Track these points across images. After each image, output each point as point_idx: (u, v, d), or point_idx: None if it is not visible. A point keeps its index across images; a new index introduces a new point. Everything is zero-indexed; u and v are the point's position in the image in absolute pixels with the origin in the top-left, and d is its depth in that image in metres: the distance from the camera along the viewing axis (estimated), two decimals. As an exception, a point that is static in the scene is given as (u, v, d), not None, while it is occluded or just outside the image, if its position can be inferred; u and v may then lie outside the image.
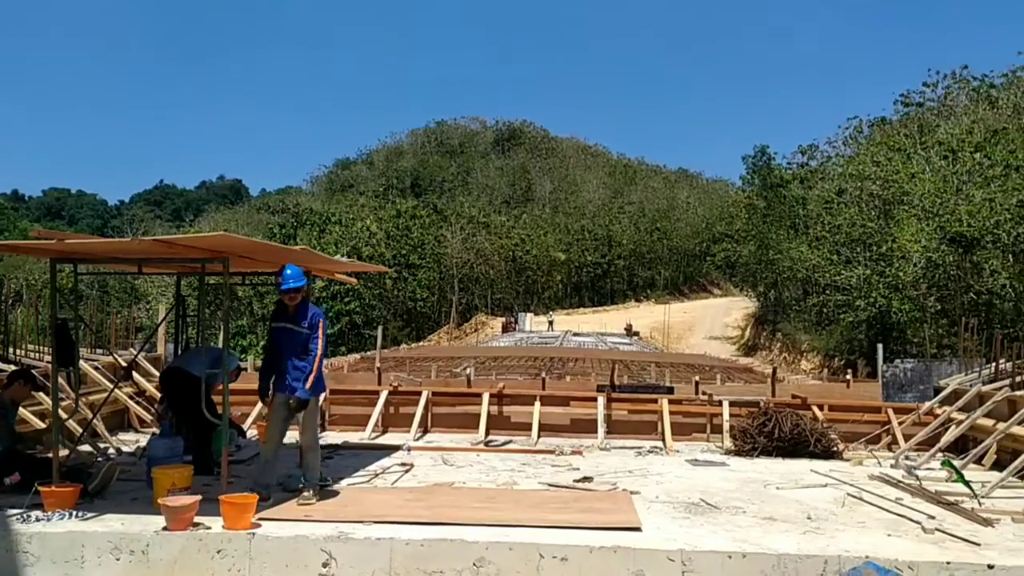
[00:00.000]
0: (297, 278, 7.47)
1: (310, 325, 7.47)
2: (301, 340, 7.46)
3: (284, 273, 7.51)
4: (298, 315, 7.52)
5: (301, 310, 7.55)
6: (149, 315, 39.45)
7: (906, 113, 49.50)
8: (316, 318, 7.54)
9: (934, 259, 30.15)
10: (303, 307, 7.58)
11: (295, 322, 7.49)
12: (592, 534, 6.34)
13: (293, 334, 7.47)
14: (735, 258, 76.48)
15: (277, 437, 7.60)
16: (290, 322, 7.51)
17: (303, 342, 7.45)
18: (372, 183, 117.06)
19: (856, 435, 11.31)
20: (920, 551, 6.16)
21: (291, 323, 7.50)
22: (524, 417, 12.15)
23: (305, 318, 7.50)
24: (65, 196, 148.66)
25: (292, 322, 7.50)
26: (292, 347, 7.46)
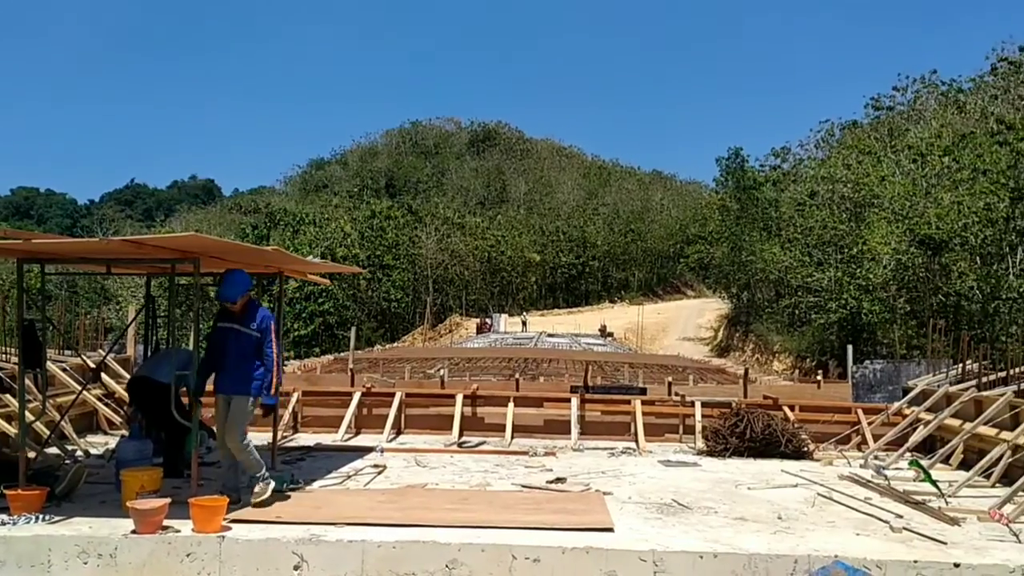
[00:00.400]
0: (235, 286, 7.32)
1: (259, 328, 7.34)
2: (250, 343, 7.32)
3: (225, 280, 7.36)
4: (246, 317, 7.37)
5: (249, 312, 7.40)
6: (119, 316, 38.95)
7: (876, 117, 50.25)
8: (266, 321, 7.39)
9: (903, 261, 30.56)
10: (251, 309, 7.43)
11: (243, 324, 7.34)
12: (564, 535, 6.35)
13: (240, 336, 7.33)
14: (708, 260, 77.07)
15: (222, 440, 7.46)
16: (237, 323, 7.36)
17: (252, 345, 7.32)
18: (346, 183, 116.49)
19: (826, 435, 11.43)
20: (888, 550, 6.23)
21: (238, 324, 7.36)
22: (498, 418, 12.15)
23: (254, 320, 7.34)
24: (34, 195, 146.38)
25: (239, 323, 7.35)
26: (239, 349, 7.32)
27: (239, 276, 7.43)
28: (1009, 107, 36.93)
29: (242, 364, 7.30)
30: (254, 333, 7.33)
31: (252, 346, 7.33)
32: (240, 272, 7.51)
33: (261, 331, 7.34)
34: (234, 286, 7.34)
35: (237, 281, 7.38)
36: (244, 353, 7.32)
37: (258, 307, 7.56)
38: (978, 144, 30.70)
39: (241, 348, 7.32)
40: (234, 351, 7.33)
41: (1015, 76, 41.97)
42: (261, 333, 7.34)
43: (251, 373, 7.31)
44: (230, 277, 7.40)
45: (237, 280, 7.39)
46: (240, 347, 7.32)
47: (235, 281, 7.37)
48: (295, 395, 12.27)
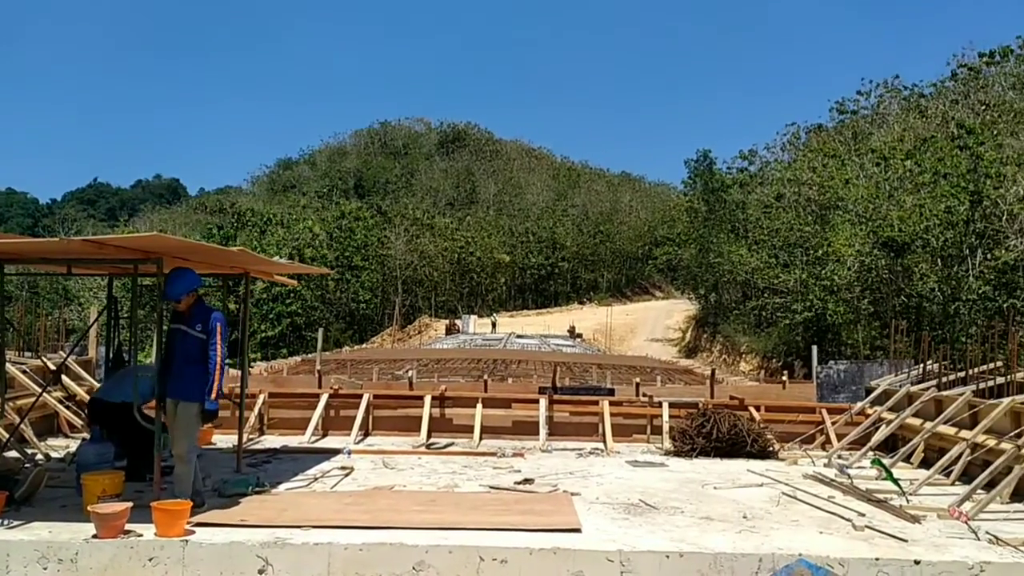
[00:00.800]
0: (177, 284, 7.18)
1: (205, 330, 7.15)
2: (195, 345, 7.14)
3: (169, 278, 7.22)
4: (192, 318, 7.20)
5: (196, 313, 7.23)
6: (80, 317, 38.34)
7: (841, 120, 50.89)
8: (213, 322, 7.18)
9: (867, 263, 30.99)
10: (198, 310, 7.27)
11: (189, 325, 7.18)
12: (532, 536, 6.36)
13: (187, 338, 7.17)
14: (676, 261, 77.62)
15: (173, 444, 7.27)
16: (184, 324, 7.21)
17: (197, 347, 7.14)
18: (314, 184, 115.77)
19: (791, 435, 11.57)
20: (851, 548, 6.32)
21: (185, 325, 7.20)
22: (466, 419, 12.15)
23: (199, 321, 7.17)
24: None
25: (186, 324, 7.20)
26: (184, 351, 7.17)
27: (184, 274, 7.28)
28: (969, 112, 37.64)
29: (186, 367, 7.12)
30: (200, 335, 7.15)
31: (197, 348, 7.14)
32: (187, 270, 7.35)
33: (207, 332, 7.16)
34: (177, 284, 7.20)
35: (181, 279, 7.23)
36: (189, 356, 7.15)
37: (208, 309, 7.39)
38: (939, 148, 31.23)
39: (187, 350, 7.16)
40: (180, 353, 7.18)
41: (975, 82, 42.78)
42: (207, 335, 7.16)
43: (197, 377, 7.10)
44: (174, 275, 7.26)
45: (181, 278, 7.24)
46: (185, 349, 7.16)
47: (178, 279, 7.22)
48: (261, 397, 12.17)
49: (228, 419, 11.45)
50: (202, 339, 7.16)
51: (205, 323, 7.18)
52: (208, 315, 7.25)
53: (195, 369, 7.13)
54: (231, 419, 11.11)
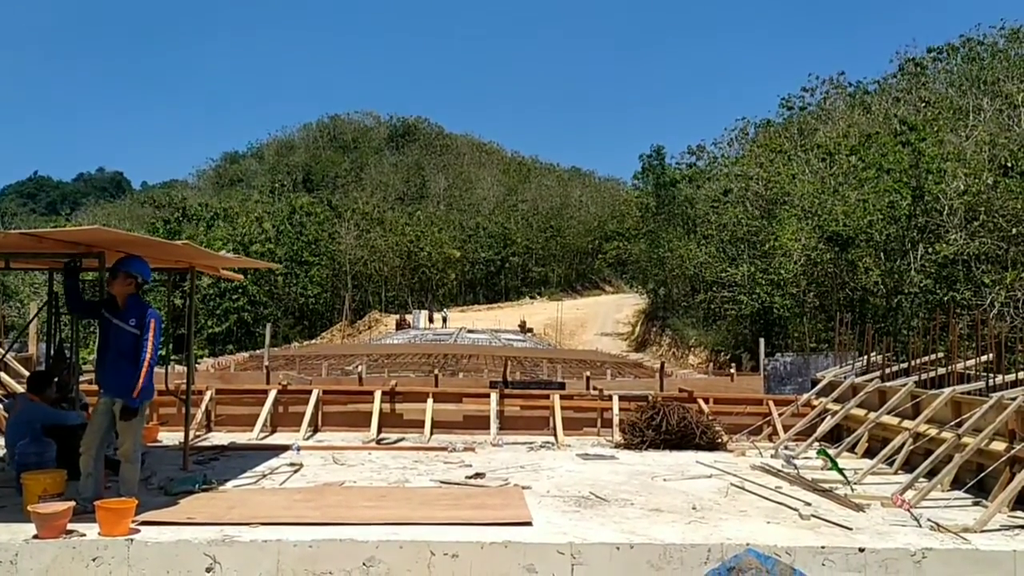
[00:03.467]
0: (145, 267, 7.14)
1: (140, 325, 6.92)
2: (128, 339, 6.91)
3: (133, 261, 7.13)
4: (127, 311, 6.97)
5: (131, 306, 7.00)
6: (20, 313, 37.28)
7: (789, 116, 51.68)
8: (148, 318, 6.95)
9: (812, 257, 31.57)
10: (133, 303, 7.03)
11: (122, 318, 6.95)
12: (483, 530, 6.36)
13: (119, 331, 6.94)
14: (626, 256, 78.21)
15: (95, 444, 6.94)
16: (117, 317, 6.97)
17: (130, 342, 6.91)
18: (262, 177, 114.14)
19: (740, 427, 11.74)
20: (797, 537, 6.44)
21: (118, 318, 6.96)
22: (417, 414, 12.10)
23: (134, 316, 6.94)
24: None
25: (119, 318, 6.96)
26: (117, 345, 6.94)
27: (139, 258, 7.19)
28: (911, 108, 38.48)
29: (120, 362, 6.91)
30: (134, 330, 6.92)
31: (131, 344, 6.92)
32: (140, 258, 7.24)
33: (141, 328, 6.93)
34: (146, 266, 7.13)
35: (145, 264, 7.14)
36: (121, 350, 6.93)
37: (143, 304, 7.14)
38: (882, 144, 31.88)
39: (119, 345, 6.94)
40: (113, 347, 6.96)
41: (917, 78, 43.80)
42: (140, 330, 6.93)
43: (133, 374, 6.88)
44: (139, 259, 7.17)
45: (145, 263, 7.15)
46: (118, 344, 6.95)
47: (144, 263, 7.14)
48: (208, 393, 11.98)
49: (174, 416, 11.30)
50: (136, 334, 6.93)
51: (140, 318, 6.95)
52: (144, 310, 7.03)
53: (130, 365, 6.91)
54: (177, 416, 10.95)
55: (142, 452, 7.35)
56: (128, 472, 7.02)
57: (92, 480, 6.90)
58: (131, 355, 6.92)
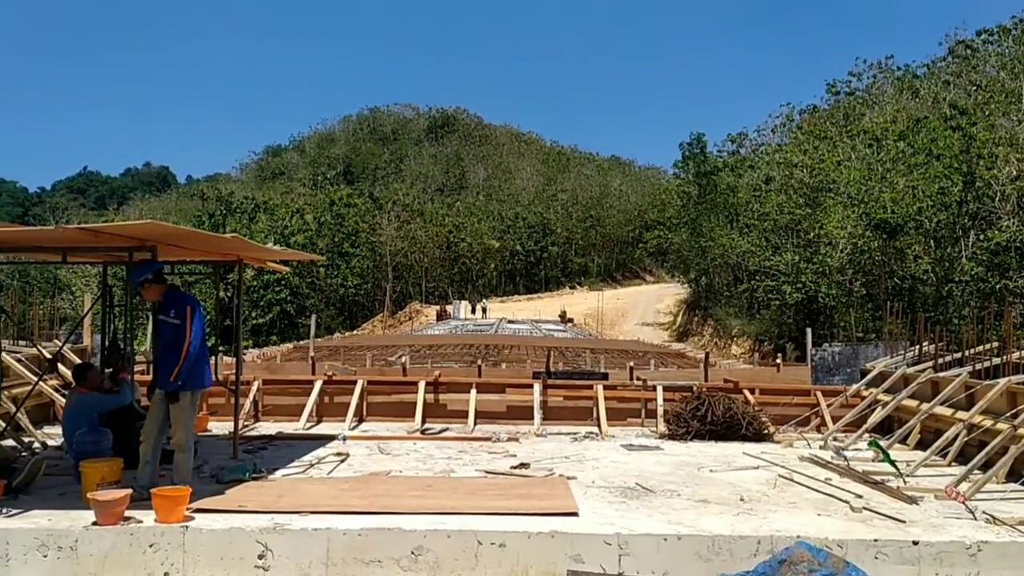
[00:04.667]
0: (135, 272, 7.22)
1: (180, 315, 7.14)
2: (171, 331, 7.15)
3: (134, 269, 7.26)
4: (166, 305, 7.21)
5: (169, 300, 7.23)
6: (73, 306, 38.17)
7: (835, 102, 50.75)
8: (184, 305, 7.20)
9: (859, 245, 31.06)
10: (170, 296, 7.26)
11: (164, 313, 7.20)
12: (530, 520, 6.37)
13: (164, 326, 7.19)
14: (667, 245, 77.61)
15: (154, 434, 7.19)
16: (161, 313, 7.23)
17: (173, 333, 7.14)
18: (303, 170, 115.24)
19: (786, 418, 11.60)
20: (849, 529, 6.36)
21: (161, 314, 7.22)
22: (460, 405, 12.15)
23: (173, 307, 7.17)
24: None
25: (162, 313, 7.21)
26: (163, 339, 7.19)
27: (143, 265, 7.26)
28: (961, 92, 37.65)
29: (166, 355, 7.14)
30: (175, 321, 7.15)
31: (173, 335, 7.14)
32: (146, 262, 7.34)
33: (181, 317, 7.15)
34: (135, 271, 7.22)
35: (139, 269, 7.23)
36: (167, 343, 7.14)
37: (180, 294, 7.41)
38: (932, 129, 31.24)
39: (165, 338, 7.17)
40: (161, 342, 7.21)
41: (968, 61, 42.78)
42: (180, 319, 7.15)
43: (168, 364, 7.11)
44: (137, 266, 7.28)
45: (139, 268, 7.24)
46: (164, 337, 7.17)
47: (138, 269, 7.23)
48: (256, 384, 12.15)
49: (223, 406, 11.48)
50: (177, 324, 7.15)
51: (179, 308, 7.17)
52: (181, 301, 7.26)
53: (175, 356, 7.11)
54: (226, 406, 11.12)
55: (194, 441, 7.52)
56: (181, 461, 7.18)
57: (149, 468, 7.09)
58: (175, 346, 7.12)
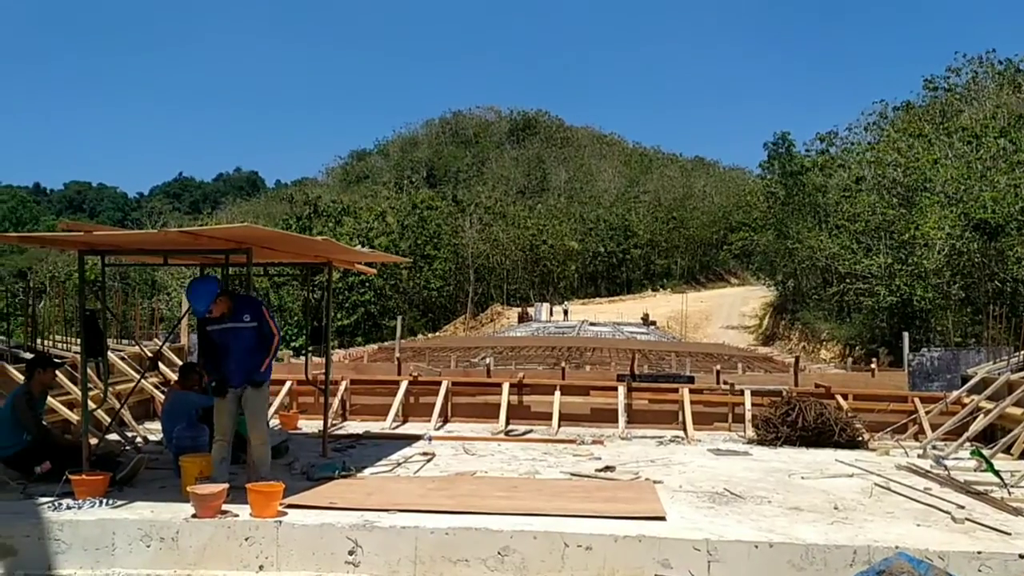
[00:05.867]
0: (200, 299, 7.23)
1: (255, 317, 7.36)
2: (248, 334, 7.36)
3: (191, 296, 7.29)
4: (238, 312, 7.36)
5: (238, 307, 7.39)
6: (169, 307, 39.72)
7: (932, 98, 48.78)
8: (259, 306, 7.48)
9: (958, 246, 29.84)
10: (240, 303, 7.44)
11: (238, 320, 7.36)
12: (616, 523, 6.32)
13: (238, 332, 7.36)
14: (752, 247, 76.09)
15: (230, 432, 7.43)
16: (231, 321, 7.36)
17: (251, 335, 7.36)
18: (387, 174, 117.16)
19: (881, 425, 11.23)
20: (951, 541, 6.11)
21: (232, 321, 7.36)
22: (544, 407, 12.16)
23: (246, 311, 7.37)
24: (86, 189, 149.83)
25: (234, 320, 7.36)
26: (239, 344, 7.36)
27: (202, 287, 7.35)
28: (1068, 86, 35.82)
29: (245, 356, 7.37)
30: (251, 324, 7.36)
31: (251, 337, 7.38)
32: (202, 282, 7.46)
33: (257, 319, 7.37)
34: (200, 299, 7.26)
35: (201, 293, 7.29)
36: (245, 347, 7.37)
37: (247, 298, 7.61)
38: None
39: (241, 343, 7.37)
40: (235, 348, 7.37)
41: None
42: (258, 321, 7.37)
43: (260, 361, 7.42)
44: (195, 291, 7.32)
45: (201, 292, 7.30)
46: (240, 342, 7.37)
47: (200, 294, 7.28)
48: (343, 383, 12.40)
49: (313, 405, 11.78)
50: (254, 327, 7.37)
51: (253, 311, 7.41)
52: (252, 303, 7.52)
53: (256, 355, 7.39)
54: (316, 405, 11.40)
55: (285, 439, 7.75)
56: (263, 454, 7.44)
57: (224, 466, 7.35)
58: (255, 345, 7.39)
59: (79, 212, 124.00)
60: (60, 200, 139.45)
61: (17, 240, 8.72)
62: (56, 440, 8.02)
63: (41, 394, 8.07)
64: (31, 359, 8.63)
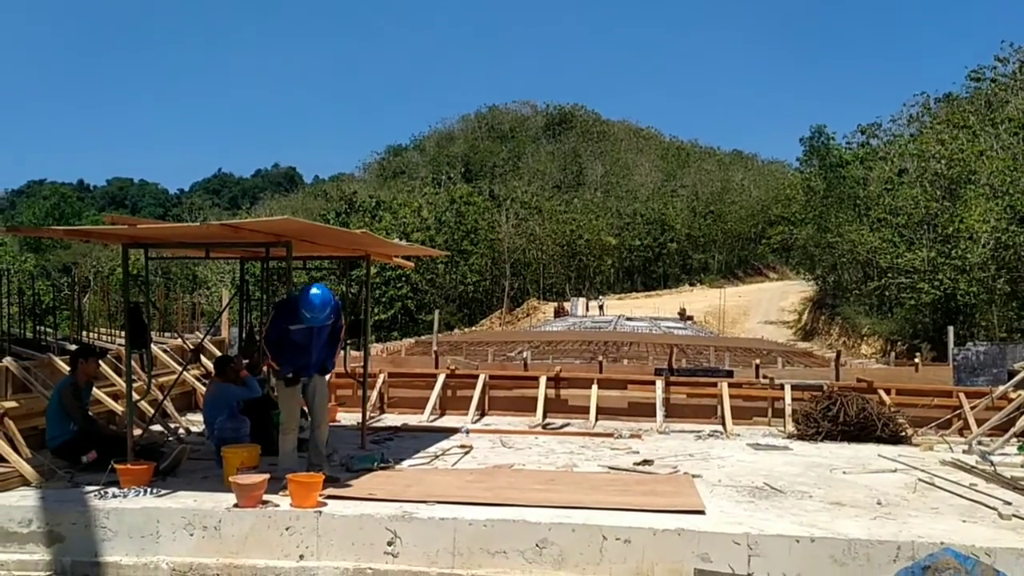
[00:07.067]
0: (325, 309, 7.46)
1: (334, 313, 7.70)
2: (328, 330, 7.76)
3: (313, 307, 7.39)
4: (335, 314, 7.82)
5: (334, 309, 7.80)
6: (210, 301, 40.39)
7: (977, 88, 47.66)
8: (338, 306, 7.88)
9: (1003, 240, 29.20)
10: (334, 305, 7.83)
11: (324, 320, 7.62)
12: (655, 517, 6.29)
13: (323, 329, 7.70)
14: (792, 241, 75.16)
15: (298, 423, 7.89)
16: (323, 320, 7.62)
17: (330, 330, 7.80)
18: (423, 169, 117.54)
19: (925, 420, 11.04)
20: (997, 537, 5.99)
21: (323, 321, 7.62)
22: (581, 400, 12.12)
23: (334, 313, 7.75)
24: (128, 185, 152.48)
25: (323, 321, 7.62)
26: (321, 339, 7.75)
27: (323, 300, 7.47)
28: (1119, 76, 34.82)
29: (323, 349, 7.87)
30: (329, 322, 7.70)
31: (332, 333, 7.88)
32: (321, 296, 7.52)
33: (336, 315, 7.77)
34: (324, 311, 7.47)
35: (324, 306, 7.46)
36: (326, 341, 7.85)
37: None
38: (1085, 115, 29.08)
39: (322, 338, 7.77)
40: (317, 344, 7.73)
41: None
42: (335, 316, 7.77)
43: (331, 354, 7.98)
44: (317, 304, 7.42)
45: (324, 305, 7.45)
46: (321, 338, 7.76)
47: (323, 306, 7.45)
48: (381, 377, 12.48)
49: (351, 398, 11.86)
50: (331, 323, 7.71)
51: (336, 312, 7.80)
52: (336, 305, 7.87)
53: (329, 347, 7.90)
54: (354, 398, 11.49)
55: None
56: (325, 433, 7.88)
57: (294, 454, 7.64)
58: (334, 339, 7.94)
59: (121, 208, 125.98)
60: (103, 196, 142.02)
61: (64, 234, 8.91)
62: (102, 430, 8.19)
63: (86, 385, 8.23)
64: (75, 351, 8.80)
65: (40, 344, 10.89)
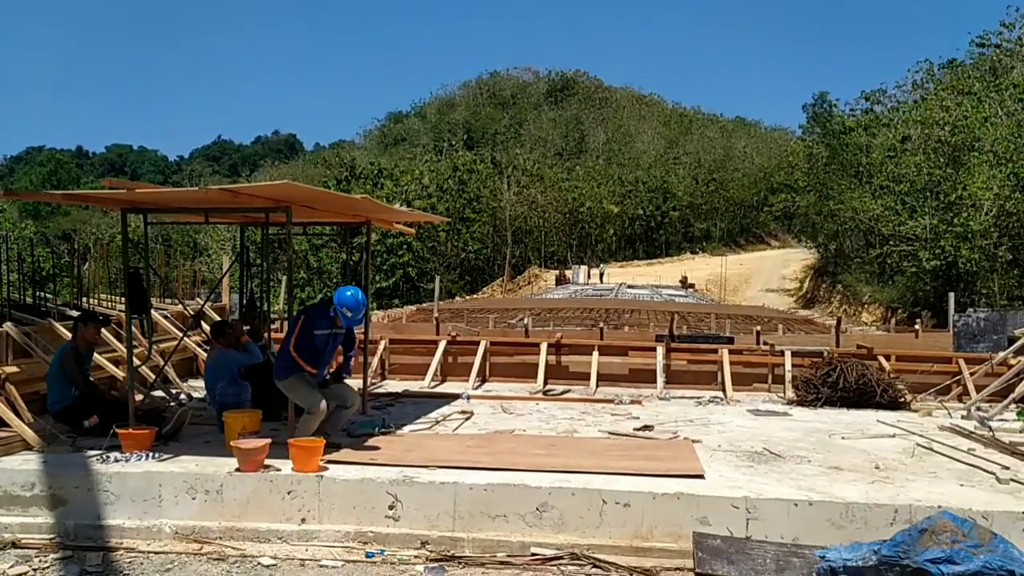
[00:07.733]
0: (357, 314, 7.48)
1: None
2: (343, 335, 7.85)
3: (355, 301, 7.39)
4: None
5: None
6: (210, 268, 40.38)
7: (982, 54, 47.15)
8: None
9: (1007, 207, 29.07)
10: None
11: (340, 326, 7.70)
12: (654, 481, 6.33)
13: (339, 335, 7.77)
14: (794, 209, 74.84)
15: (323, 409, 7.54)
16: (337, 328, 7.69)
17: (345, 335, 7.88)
18: (425, 136, 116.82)
19: (925, 386, 11.09)
20: (995, 501, 6.04)
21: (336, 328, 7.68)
22: (582, 367, 12.16)
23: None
24: (127, 152, 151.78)
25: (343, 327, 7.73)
26: (337, 343, 7.83)
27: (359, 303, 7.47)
28: None
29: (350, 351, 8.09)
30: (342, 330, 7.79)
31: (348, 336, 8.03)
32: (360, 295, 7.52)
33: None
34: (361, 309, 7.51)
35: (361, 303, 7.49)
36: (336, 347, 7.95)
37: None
38: (1091, 81, 28.80)
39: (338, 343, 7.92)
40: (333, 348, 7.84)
41: None
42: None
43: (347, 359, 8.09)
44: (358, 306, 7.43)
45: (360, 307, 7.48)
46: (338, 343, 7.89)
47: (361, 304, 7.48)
48: (382, 343, 12.51)
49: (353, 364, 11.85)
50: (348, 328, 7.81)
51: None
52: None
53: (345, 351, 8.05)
54: (355, 364, 11.48)
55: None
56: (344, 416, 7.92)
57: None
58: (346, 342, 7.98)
59: (120, 174, 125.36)
60: (102, 163, 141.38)
61: (62, 198, 8.83)
62: (103, 395, 8.22)
63: (87, 350, 8.25)
64: (77, 316, 8.80)
65: (40, 310, 10.88)
